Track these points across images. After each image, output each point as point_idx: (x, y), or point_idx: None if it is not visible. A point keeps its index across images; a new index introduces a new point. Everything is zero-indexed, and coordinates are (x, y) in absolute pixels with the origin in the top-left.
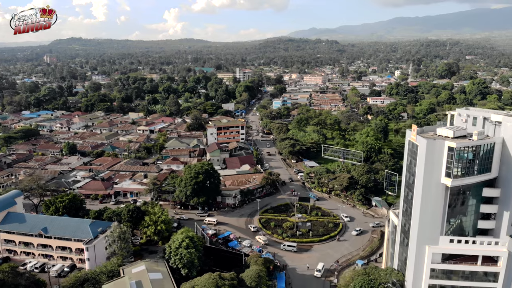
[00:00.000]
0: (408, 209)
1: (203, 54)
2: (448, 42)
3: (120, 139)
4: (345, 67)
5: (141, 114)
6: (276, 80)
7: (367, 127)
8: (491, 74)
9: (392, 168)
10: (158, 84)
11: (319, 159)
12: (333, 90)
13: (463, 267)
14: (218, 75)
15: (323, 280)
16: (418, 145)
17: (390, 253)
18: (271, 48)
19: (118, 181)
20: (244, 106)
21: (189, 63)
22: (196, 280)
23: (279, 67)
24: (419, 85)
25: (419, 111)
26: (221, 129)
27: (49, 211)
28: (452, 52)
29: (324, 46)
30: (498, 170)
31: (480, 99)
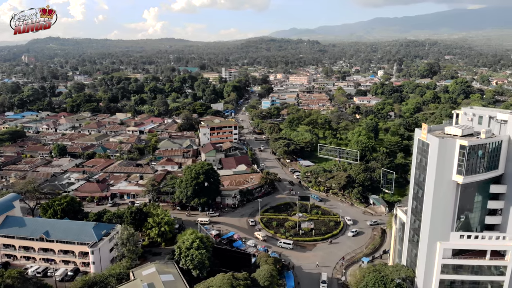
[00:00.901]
0: (418, 206)
1: (185, 54)
2: (427, 42)
3: (111, 140)
4: (329, 67)
5: (128, 115)
6: (262, 80)
7: (358, 127)
8: (471, 73)
9: (388, 167)
10: (143, 84)
11: (313, 159)
12: (319, 90)
13: (473, 262)
14: (203, 75)
15: (331, 278)
16: (429, 144)
17: (398, 250)
18: (253, 48)
19: (113, 182)
20: (233, 106)
21: (171, 62)
22: (209, 281)
23: (263, 67)
24: (403, 84)
25: (406, 110)
26: (214, 129)
27: (47, 215)
28: (431, 52)
29: (305, 46)
30: (504, 167)
31: (464, 98)
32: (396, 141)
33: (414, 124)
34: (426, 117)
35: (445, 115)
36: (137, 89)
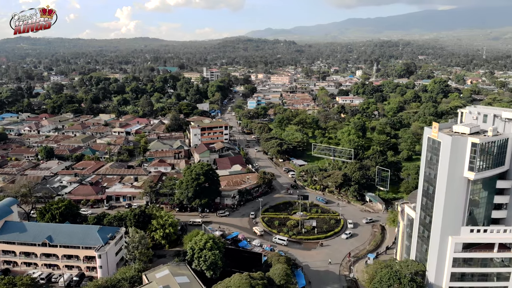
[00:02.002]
0: (429, 202)
1: (161, 53)
2: (401, 43)
3: (98, 141)
4: (307, 67)
5: (112, 116)
6: (244, 80)
7: (347, 126)
8: (446, 73)
9: (381, 164)
10: (124, 84)
11: (305, 158)
12: (302, 90)
13: (482, 255)
14: (185, 75)
15: (338, 275)
16: (441, 142)
17: (406, 246)
18: (230, 47)
19: (107, 185)
20: (219, 106)
21: (148, 62)
22: (227, 281)
23: (243, 67)
24: (382, 84)
25: (389, 109)
26: (204, 130)
27: (44, 219)
28: (405, 52)
29: (282, 46)
30: (509, 163)
31: (442, 97)
32: (385, 140)
33: (399, 123)
34: (410, 116)
35: (428, 114)
36: (118, 90)
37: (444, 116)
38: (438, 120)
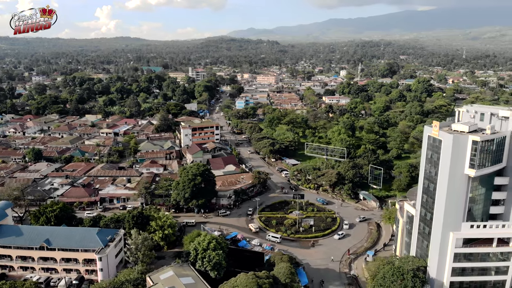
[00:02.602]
0: (429, 199)
1: (143, 53)
2: (382, 43)
3: (86, 143)
4: (292, 67)
5: (99, 116)
6: (230, 80)
7: (337, 125)
8: (427, 73)
9: (374, 163)
10: (109, 85)
11: (297, 157)
12: (289, 90)
13: (482, 250)
14: (170, 75)
15: (339, 273)
16: (442, 140)
17: (405, 242)
18: (213, 47)
19: (99, 187)
20: (207, 106)
21: (131, 62)
22: (233, 281)
23: (227, 66)
24: (367, 84)
25: (375, 108)
26: (195, 130)
27: (39, 222)
28: (386, 52)
29: (265, 46)
30: (507, 160)
31: (426, 96)
32: (375, 138)
33: (386, 122)
34: (397, 115)
35: (415, 113)
36: (103, 90)
37: (430, 115)
38: (425, 119)
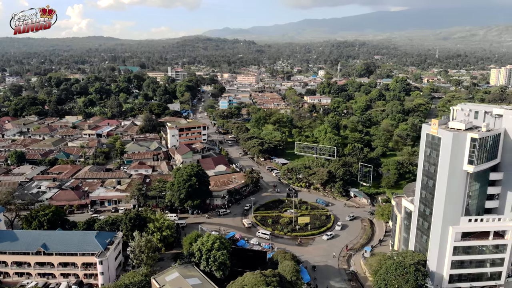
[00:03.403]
0: (428, 195)
1: (117, 52)
2: (357, 43)
3: (69, 144)
4: (271, 67)
5: (79, 117)
6: (211, 80)
7: (323, 124)
8: (403, 72)
9: (363, 161)
10: (87, 85)
11: (285, 156)
12: (270, 90)
13: (479, 243)
14: (149, 75)
15: (338, 269)
16: (441, 138)
17: (404, 237)
18: (189, 46)
19: (88, 189)
20: (190, 106)
21: (106, 61)
22: (240, 280)
23: (206, 66)
24: (346, 83)
25: (357, 108)
26: (182, 130)
27: (32, 226)
28: (361, 53)
29: (242, 46)
30: (501, 156)
31: (404, 95)
32: (360, 137)
33: (368, 120)
34: (378, 114)
35: (396, 111)
36: (81, 90)
37: (410, 113)
38: (406, 118)
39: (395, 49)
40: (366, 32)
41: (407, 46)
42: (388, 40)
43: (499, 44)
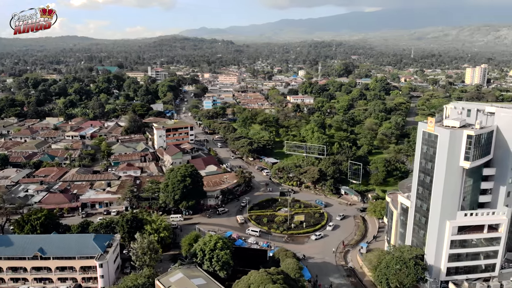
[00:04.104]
0: (425, 191)
1: (93, 52)
2: (334, 44)
3: (53, 147)
4: (252, 67)
5: (61, 119)
6: (192, 79)
7: (309, 123)
8: (380, 72)
9: (352, 159)
10: (66, 86)
11: (274, 156)
12: (253, 90)
13: (475, 236)
14: (129, 75)
15: (336, 265)
16: (438, 135)
17: (400, 233)
18: (167, 46)
19: (77, 192)
20: (173, 107)
21: (82, 61)
22: (245, 279)
23: (185, 66)
24: (327, 83)
25: (339, 107)
26: (169, 131)
27: (24, 231)
28: (338, 53)
29: (220, 46)
30: (493, 153)
31: (385, 94)
32: (346, 136)
33: (352, 120)
34: (361, 113)
35: (378, 110)
36: (60, 91)
37: (392, 112)
38: (389, 116)
39: (371, 49)
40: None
41: (382, 46)
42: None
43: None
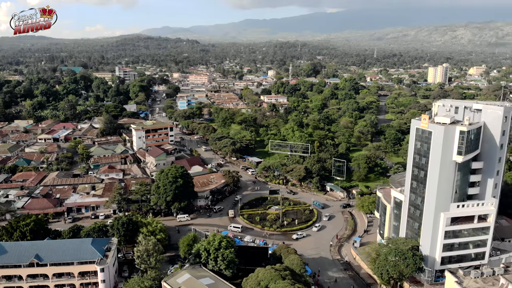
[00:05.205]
0: (420, 185)
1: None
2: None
3: (27, 150)
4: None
5: (30, 121)
6: (162, 79)
7: (289, 122)
8: (346, 71)
9: (335, 156)
10: (31, 87)
11: (256, 155)
12: (226, 90)
13: (466, 226)
14: (97, 75)
15: (332, 260)
16: (433, 131)
17: (393, 226)
18: (130, 45)
19: (60, 196)
20: (146, 107)
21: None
22: (254, 276)
23: (151, 65)
24: (298, 83)
25: (313, 106)
26: (149, 132)
27: (13, 237)
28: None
29: (185, 45)
30: (481, 147)
31: (354, 94)
32: (325, 134)
33: (327, 118)
34: (335, 112)
35: (352, 109)
36: (25, 93)
37: (365, 110)
38: (362, 115)
39: (334, 50)
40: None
41: (345, 47)
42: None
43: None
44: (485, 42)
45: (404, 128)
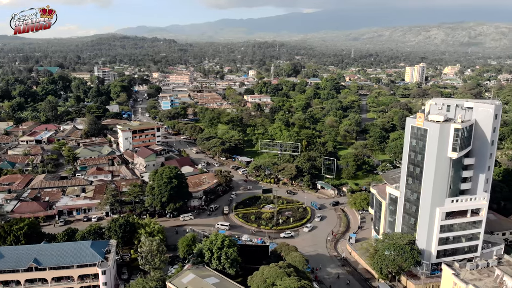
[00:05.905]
0: (415, 181)
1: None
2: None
3: (10, 153)
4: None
5: (10, 123)
6: (142, 79)
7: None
8: (325, 71)
9: (325, 155)
10: (8, 88)
11: (245, 154)
12: (209, 90)
13: (460, 220)
14: (75, 75)
15: (329, 256)
16: (428, 129)
17: (389, 222)
18: (105, 45)
19: (49, 199)
20: (129, 108)
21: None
22: (259, 274)
23: (129, 65)
24: (280, 83)
25: (297, 106)
26: (136, 133)
27: (7, 242)
28: (282, 53)
29: (162, 44)
30: (472, 144)
31: (336, 93)
32: (312, 133)
33: (311, 117)
34: (319, 111)
35: (335, 108)
36: (2, 94)
37: (348, 109)
38: (346, 114)
39: (312, 50)
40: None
41: (322, 47)
42: (303, 41)
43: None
44: (458, 42)
45: (387, 127)
